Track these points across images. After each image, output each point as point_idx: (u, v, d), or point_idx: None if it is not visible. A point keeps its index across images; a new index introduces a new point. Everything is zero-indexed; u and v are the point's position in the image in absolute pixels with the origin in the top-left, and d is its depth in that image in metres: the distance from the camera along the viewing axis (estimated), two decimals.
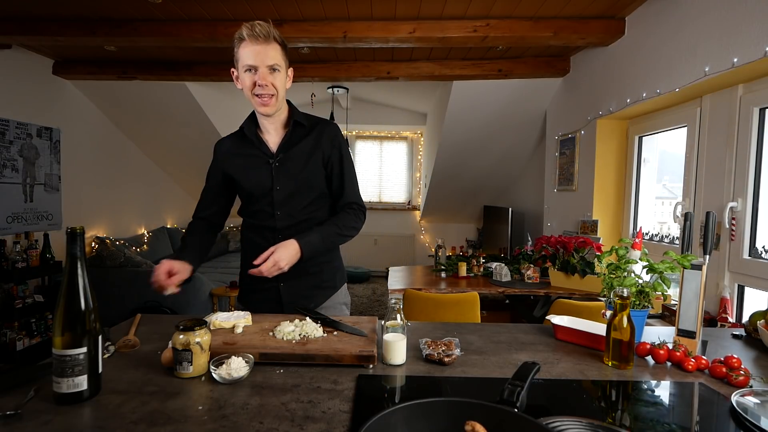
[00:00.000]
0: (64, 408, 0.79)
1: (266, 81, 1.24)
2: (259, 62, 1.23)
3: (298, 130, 1.37)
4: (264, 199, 1.35)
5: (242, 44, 1.24)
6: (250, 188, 1.36)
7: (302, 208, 1.36)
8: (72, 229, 0.82)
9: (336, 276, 1.46)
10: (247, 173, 1.37)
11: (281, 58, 1.26)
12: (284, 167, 1.34)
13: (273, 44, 1.24)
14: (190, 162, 5.30)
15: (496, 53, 3.41)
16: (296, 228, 1.34)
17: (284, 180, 1.34)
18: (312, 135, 1.37)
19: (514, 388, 0.74)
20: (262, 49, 1.22)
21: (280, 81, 1.27)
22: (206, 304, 3.99)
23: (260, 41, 1.22)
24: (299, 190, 1.35)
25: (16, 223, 3.38)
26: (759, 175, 1.95)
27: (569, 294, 2.63)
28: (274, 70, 1.25)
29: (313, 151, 1.36)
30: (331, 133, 1.39)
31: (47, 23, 2.84)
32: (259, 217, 1.37)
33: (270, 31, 1.23)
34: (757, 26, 1.76)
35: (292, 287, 1.37)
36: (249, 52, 1.23)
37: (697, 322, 1.10)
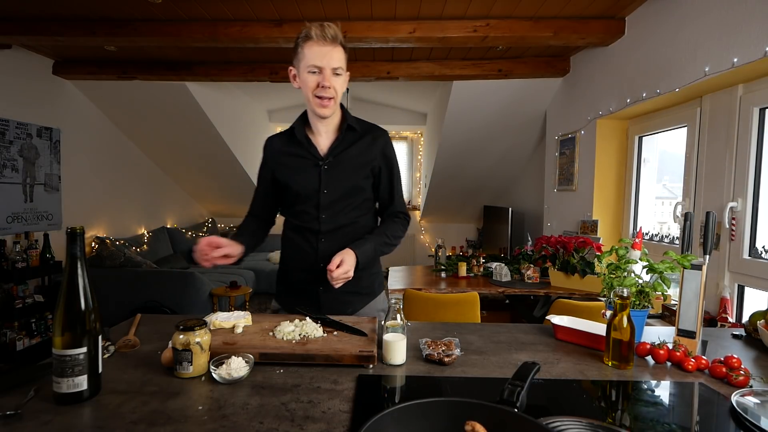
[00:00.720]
0: (64, 408, 0.79)
1: (330, 83, 1.24)
2: (325, 64, 1.22)
3: (349, 134, 1.36)
4: (310, 201, 1.34)
5: (308, 44, 1.23)
6: (297, 189, 1.35)
7: (347, 212, 1.35)
8: (72, 229, 0.82)
9: (375, 282, 1.45)
10: (295, 174, 1.35)
11: (344, 61, 1.27)
12: (333, 171, 1.33)
13: (338, 47, 1.24)
14: (190, 162, 5.30)
15: (496, 53, 3.41)
16: (339, 232, 1.34)
17: (332, 183, 1.33)
18: (363, 141, 1.36)
19: (514, 388, 0.74)
20: (329, 50, 1.22)
21: (341, 85, 1.28)
22: (206, 304, 3.99)
23: (327, 43, 1.22)
24: (346, 194, 1.34)
25: (16, 223, 3.39)
26: (759, 175, 1.95)
27: (569, 294, 2.63)
28: (337, 73, 1.25)
29: (363, 157, 1.35)
30: (383, 142, 1.39)
31: (47, 23, 2.84)
32: (303, 219, 1.36)
33: (338, 34, 1.23)
34: (757, 26, 1.76)
35: (331, 292, 1.33)
36: (316, 52, 1.22)
37: (697, 322, 1.10)
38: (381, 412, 0.64)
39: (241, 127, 5.30)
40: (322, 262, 1.31)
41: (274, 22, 2.82)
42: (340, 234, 1.34)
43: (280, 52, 3.47)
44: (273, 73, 3.74)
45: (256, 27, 2.83)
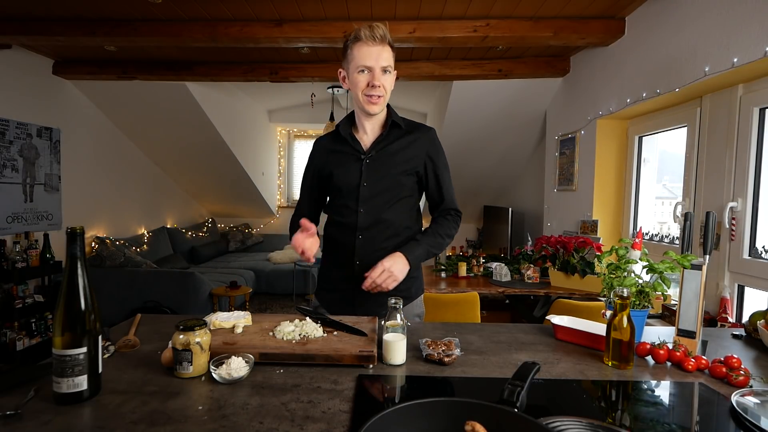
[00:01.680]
0: (64, 408, 0.79)
1: (380, 82, 1.27)
2: (374, 63, 1.26)
3: (394, 131, 1.39)
4: (350, 194, 1.36)
5: (357, 44, 1.26)
6: (338, 183, 1.37)
7: (386, 208, 1.35)
8: (72, 229, 0.82)
9: (413, 286, 1.43)
10: (338, 169, 1.38)
11: (392, 61, 1.30)
12: (374, 165, 1.35)
13: (387, 46, 1.28)
14: (190, 162, 5.30)
15: (496, 53, 3.41)
16: (376, 229, 1.35)
17: (373, 177, 1.35)
18: (407, 138, 1.38)
19: (514, 388, 0.74)
20: (378, 50, 1.26)
21: (390, 83, 1.31)
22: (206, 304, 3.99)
23: (377, 43, 1.25)
24: (386, 189, 1.35)
25: (16, 223, 3.38)
26: (759, 175, 1.95)
27: (569, 294, 2.63)
28: (386, 71, 1.28)
29: (406, 154, 1.37)
30: (429, 140, 1.40)
31: (47, 23, 2.84)
32: (343, 213, 1.38)
33: (386, 34, 1.27)
34: (757, 26, 1.76)
35: (366, 292, 1.33)
36: (365, 53, 1.26)
37: (697, 322, 1.10)
38: (381, 412, 0.64)
39: (241, 127, 5.30)
40: (358, 260, 1.34)
41: (274, 22, 2.82)
42: (378, 230, 1.35)
43: (280, 52, 3.47)
44: (273, 73, 3.73)
45: (256, 27, 2.83)
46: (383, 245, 1.34)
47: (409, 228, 1.40)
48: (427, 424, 0.67)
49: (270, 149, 6.47)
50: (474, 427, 0.61)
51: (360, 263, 1.34)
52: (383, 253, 1.31)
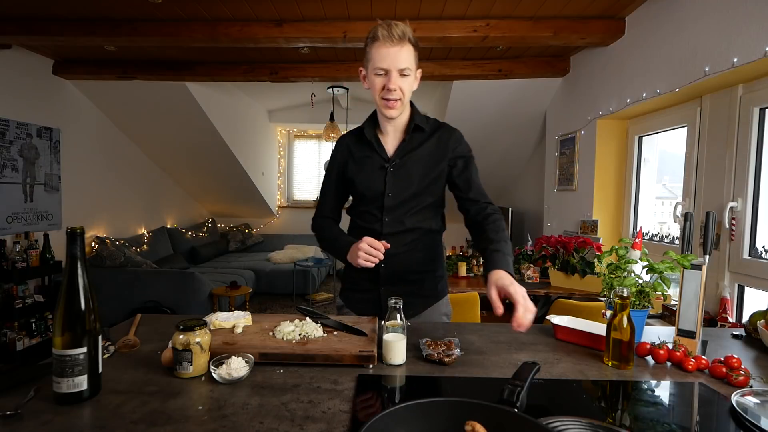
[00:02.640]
0: (64, 408, 0.79)
1: (396, 85, 1.22)
2: (391, 65, 1.21)
3: (417, 134, 1.34)
4: (374, 202, 1.33)
5: (375, 45, 1.21)
6: (362, 190, 1.35)
7: (411, 215, 1.33)
8: (72, 229, 0.82)
9: (438, 285, 1.42)
10: (362, 175, 1.35)
11: (412, 60, 1.24)
12: (399, 173, 1.31)
13: (407, 46, 1.22)
14: (190, 162, 5.30)
15: (496, 53, 3.41)
16: (400, 236, 1.32)
17: (397, 186, 1.31)
18: (431, 141, 1.34)
19: (514, 388, 0.74)
20: (396, 51, 1.20)
21: (408, 85, 1.26)
22: (206, 304, 3.99)
23: (395, 43, 1.20)
24: (411, 197, 1.32)
25: (16, 223, 3.38)
26: (759, 175, 1.95)
27: (569, 294, 2.63)
28: (404, 74, 1.23)
29: (431, 159, 1.32)
30: (453, 140, 1.35)
31: (47, 23, 2.84)
32: (366, 219, 1.36)
33: (406, 32, 1.21)
34: (757, 26, 1.76)
35: (391, 292, 1.28)
36: (382, 54, 1.21)
37: (697, 322, 1.10)
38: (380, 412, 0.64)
39: (241, 127, 5.30)
40: (382, 263, 1.29)
41: (274, 22, 2.82)
42: (402, 237, 1.33)
43: (280, 52, 3.47)
44: (273, 73, 3.73)
45: (256, 27, 2.83)
46: (405, 248, 1.33)
47: (432, 230, 1.38)
48: (427, 424, 0.67)
49: (270, 149, 6.48)
50: (474, 427, 0.61)
51: (384, 266, 1.31)
52: (405, 256, 1.32)
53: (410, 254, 1.34)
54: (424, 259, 1.37)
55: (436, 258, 1.41)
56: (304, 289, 5.30)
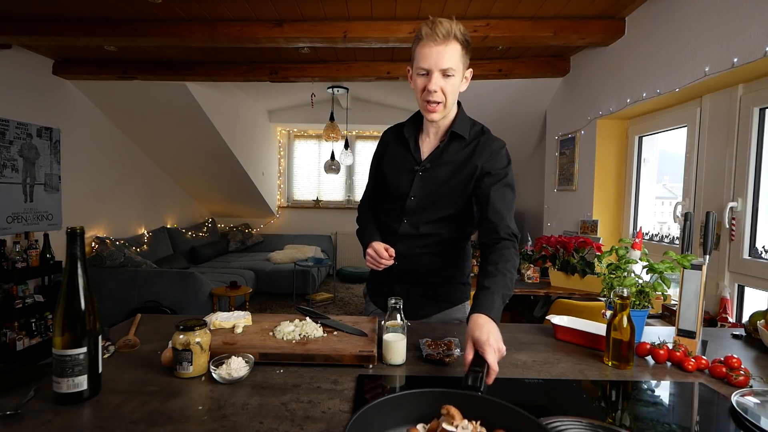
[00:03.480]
0: (64, 408, 0.79)
1: (436, 87, 1.15)
2: (434, 65, 1.14)
3: (455, 142, 1.28)
4: (398, 202, 1.32)
5: (420, 44, 1.16)
6: (389, 188, 1.34)
7: (429, 222, 1.30)
8: (72, 229, 0.82)
9: (455, 292, 1.38)
10: (392, 173, 1.34)
11: (458, 60, 1.16)
12: (427, 178, 1.28)
13: (452, 45, 1.14)
14: (190, 162, 5.30)
15: (496, 53, 3.41)
16: (416, 240, 1.31)
17: (422, 192, 1.28)
18: (468, 149, 1.26)
19: (477, 374, 0.80)
20: (439, 50, 1.13)
21: (452, 86, 1.18)
22: (206, 304, 3.99)
23: (439, 42, 1.13)
24: (432, 204, 1.28)
25: (16, 223, 3.38)
26: (759, 175, 1.95)
27: (569, 294, 2.63)
28: (447, 75, 1.16)
29: (461, 168, 1.25)
30: (489, 152, 1.25)
31: (47, 23, 2.84)
32: (388, 216, 1.36)
33: (452, 29, 1.14)
34: (757, 26, 1.76)
35: (404, 290, 1.33)
36: (425, 54, 1.14)
37: (697, 322, 1.10)
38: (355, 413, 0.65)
39: (241, 127, 5.30)
40: (396, 260, 1.29)
41: (274, 22, 2.82)
42: (417, 242, 1.31)
43: (280, 52, 3.47)
44: (273, 73, 3.73)
45: (256, 27, 2.83)
46: (419, 251, 1.32)
47: (450, 240, 1.32)
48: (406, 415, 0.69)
49: (270, 149, 6.47)
50: (449, 411, 0.66)
51: (398, 264, 1.31)
52: (418, 259, 1.31)
53: (424, 258, 1.32)
54: (439, 264, 1.34)
55: (455, 264, 1.36)
56: (304, 289, 5.31)
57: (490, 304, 1.00)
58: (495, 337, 0.89)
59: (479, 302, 1.01)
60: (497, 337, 0.90)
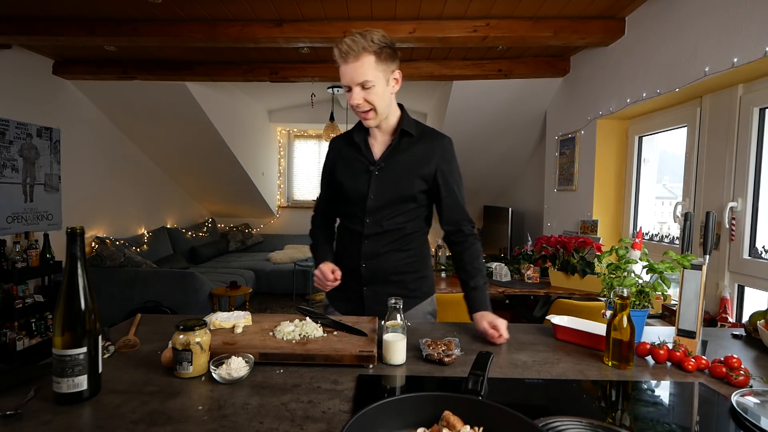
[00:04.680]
0: (64, 408, 0.79)
1: (358, 100, 1.23)
2: (350, 82, 1.22)
3: (405, 139, 1.35)
4: (358, 204, 1.36)
5: (339, 65, 1.24)
6: (347, 192, 1.37)
7: (392, 218, 1.34)
8: (72, 229, 0.82)
9: (423, 286, 1.44)
10: (348, 177, 1.37)
11: (373, 70, 1.21)
12: (383, 177, 1.33)
13: (363, 58, 1.20)
14: (190, 162, 5.30)
15: (496, 53, 3.41)
16: (381, 237, 1.35)
17: (380, 190, 1.33)
18: (419, 146, 1.35)
19: (477, 378, 0.80)
20: (350, 69, 1.21)
21: (375, 95, 1.24)
22: (206, 304, 3.99)
23: (350, 60, 1.20)
24: (392, 201, 1.33)
25: (16, 223, 3.38)
26: (759, 175, 1.95)
27: (569, 294, 2.63)
28: (366, 87, 1.22)
29: (416, 164, 1.33)
30: (441, 150, 1.35)
31: (47, 23, 2.84)
32: (350, 220, 1.39)
33: (358, 44, 1.18)
34: (757, 26, 1.76)
35: (374, 292, 1.38)
36: (342, 72, 1.23)
37: (697, 322, 1.10)
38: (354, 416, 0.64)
39: (241, 127, 5.30)
40: (363, 262, 1.36)
41: (274, 22, 2.82)
42: (383, 238, 1.35)
43: (280, 52, 3.47)
44: (273, 73, 3.73)
45: (256, 27, 2.83)
46: (384, 249, 1.36)
47: (413, 233, 1.39)
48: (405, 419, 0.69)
49: (270, 149, 6.47)
50: (449, 421, 0.66)
51: (365, 266, 1.36)
52: (385, 257, 1.36)
53: (391, 255, 1.36)
54: (405, 259, 1.38)
55: (419, 259, 1.42)
56: (304, 289, 5.31)
57: (484, 301, 1.29)
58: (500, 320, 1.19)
59: (477, 302, 1.28)
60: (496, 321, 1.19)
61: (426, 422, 0.68)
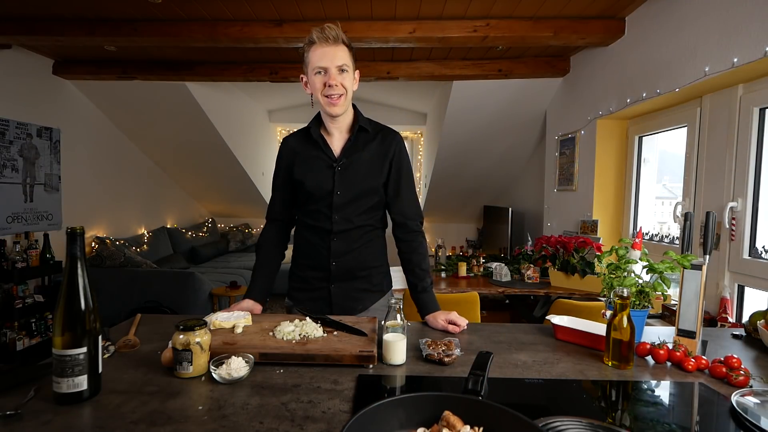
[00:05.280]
0: (64, 408, 0.79)
1: (336, 81, 1.27)
2: (329, 63, 1.26)
3: (361, 135, 1.39)
4: (323, 201, 1.37)
5: (312, 48, 1.28)
6: (311, 189, 1.37)
7: (359, 214, 1.38)
8: (72, 229, 0.82)
9: (384, 281, 1.49)
10: (310, 174, 1.38)
11: (349, 59, 1.30)
12: (346, 172, 1.36)
13: (341, 46, 1.28)
14: (190, 162, 5.30)
15: (496, 53, 3.41)
16: (351, 232, 1.38)
17: (345, 185, 1.35)
18: (375, 141, 1.39)
19: (477, 378, 0.79)
20: (331, 50, 1.26)
21: (349, 81, 1.31)
22: (206, 304, 3.99)
23: (330, 43, 1.26)
24: (359, 196, 1.37)
25: (16, 223, 3.38)
26: (759, 175, 1.95)
27: (569, 294, 2.63)
28: (342, 70, 1.28)
29: (376, 159, 1.38)
30: (395, 146, 1.41)
31: (47, 23, 2.84)
32: (316, 218, 1.39)
33: (339, 34, 1.27)
34: (757, 26, 1.76)
35: (342, 289, 1.41)
36: (319, 54, 1.26)
37: (697, 322, 1.10)
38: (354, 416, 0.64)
39: (241, 127, 5.30)
40: (333, 260, 1.37)
41: (274, 22, 2.82)
42: (352, 234, 1.38)
43: (280, 52, 3.47)
44: (273, 73, 3.73)
45: (256, 27, 2.83)
46: (354, 245, 1.39)
47: (376, 228, 1.44)
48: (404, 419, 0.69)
49: (270, 149, 6.47)
50: (449, 422, 0.66)
51: (336, 264, 1.38)
52: (356, 252, 1.39)
53: (360, 251, 1.40)
54: (371, 255, 1.43)
55: (382, 253, 1.47)
56: None
57: (433, 301, 1.36)
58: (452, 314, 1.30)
59: (428, 304, 1.35)
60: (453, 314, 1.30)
61: (426, 422, 0.68)
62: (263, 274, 1.45)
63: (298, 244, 1.47)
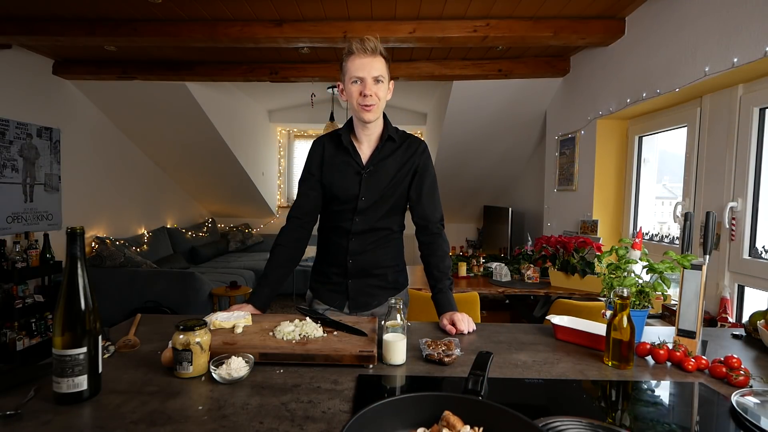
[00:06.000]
0: (64, 408, 0.79)
1: (371, 91, 1.32)
2: (366, 74, 1.32)
3: (389, 144, 1.45)
4: (348, 204, 1.44)
5: (351, 58, 1.33)
6: (337, 193, 1.44)
7: (379, 218, 1.45)
8: (72, 229, 0.82)
9: (399, 278, 1.55)
10: (339, 179, 1.44)
11: (385, 70, 1.36)
12: (372, 179, 1.42)
13: (379, 57, 1.33)
14: (190, 162, 5.30)
15: (496, 53, 3.41)
16: (368, 234, 1.45)
17: (370, 191, 1.42)
18: (400, 150, 1.45)
19: (477, 378, 0.79)
20: (369, 61, 1.32)
21: (383, 91, 1.36)
22: (206, 304, 3.99)
23: (368, 54, 1.32)
24: (381, 201, 1.43)
25: (16, 223, 3.38)
26: (759, 175, 1.95)
27: (569, 294, 2.63)
28: (378, 81, 1.33)
29: (400, 167, 1.44)
30: (420, 154, 1.47)
31: (47, 23, 2.84)
32: (339, 219, 1.46)
33: (377, 46, 1.33)
34: (757, 26, 1.76)
35: (358, 284, 1.48)
36: (357, 64, 1.32)
37: (697, 322, 1.10)
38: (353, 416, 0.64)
39: (241, 127, 5.30)
40: (350, 258, 1.45)
41: (274, 22, 2.82)
42: (369, 235, 1.45)
43: (280, 52, 3.47)
44: (273, 73, 3.73)
45: (256, 27, 2.83)
46: (369, 246, 1.46)
47: (394, 231, 1.50)
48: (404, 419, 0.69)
49: (270, 149, 6.47)
50: (449, 421, 0.66)
51: (352, 261, 1.46)
52: (371, 253, 1.46)
53: (375, 251, 1.47)
54: (387, 255, 1.50)
55: (397, 254, 1.54)
56: (304, 289, 5.30)
57: (450, 301, 1.39)
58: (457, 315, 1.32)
59: (445, 304, 1.38)
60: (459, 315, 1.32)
61: (426, 422, 0.68)
62: (273, 279, 1.45)
63: (322, 243, 1.56)
